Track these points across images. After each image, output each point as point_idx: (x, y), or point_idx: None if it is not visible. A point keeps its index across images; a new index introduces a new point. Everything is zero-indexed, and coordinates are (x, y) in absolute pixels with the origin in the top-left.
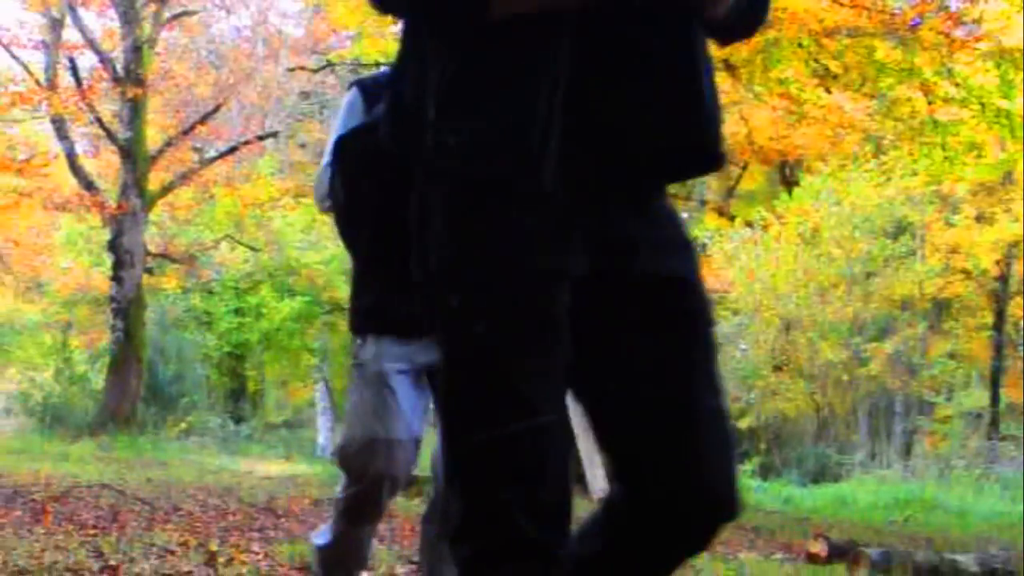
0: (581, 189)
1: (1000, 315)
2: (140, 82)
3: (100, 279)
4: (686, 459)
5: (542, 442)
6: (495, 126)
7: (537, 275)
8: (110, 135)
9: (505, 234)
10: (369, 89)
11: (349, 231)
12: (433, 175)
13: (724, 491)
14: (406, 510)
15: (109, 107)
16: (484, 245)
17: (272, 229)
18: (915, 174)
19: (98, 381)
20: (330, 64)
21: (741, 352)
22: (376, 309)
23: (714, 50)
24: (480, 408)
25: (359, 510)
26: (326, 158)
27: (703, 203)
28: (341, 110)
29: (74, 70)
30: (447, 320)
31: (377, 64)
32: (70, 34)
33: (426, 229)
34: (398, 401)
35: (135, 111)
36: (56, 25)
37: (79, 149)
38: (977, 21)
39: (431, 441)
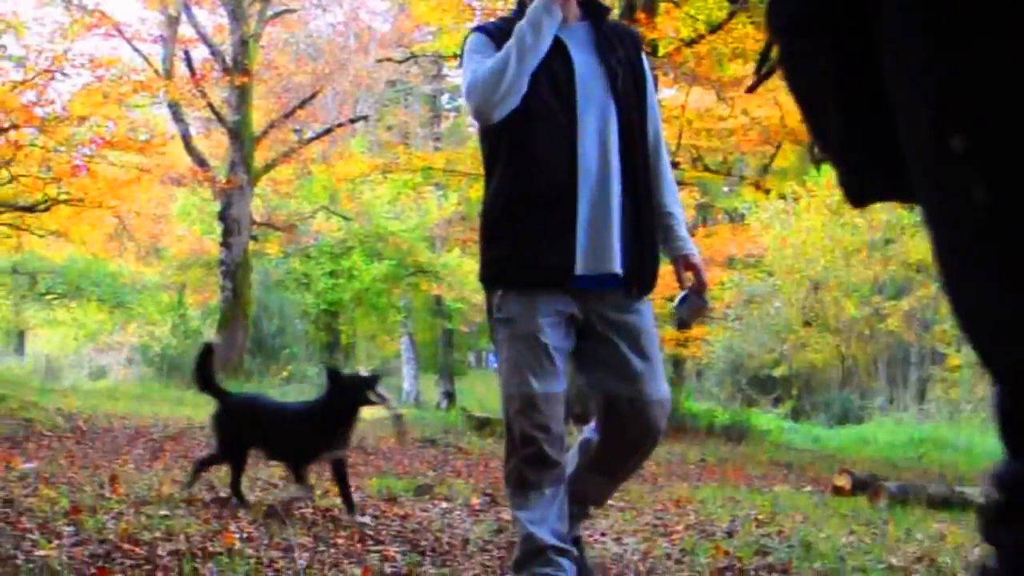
0: None
1: None
2: (246, 72)
3: (211, 245)
4: None
5: None
6: None
7: None
8: (220, 118)
9: None
10: (492, 32)
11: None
12: None
13: None
14: (480, 448)
15: (219, 94)
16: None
17: (363, 201)
18: None
19: (209, 335)
20: (413, 56)
21: (775, 309)
22: (510, 260)
23: (750, 42)
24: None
25: (532, 470)
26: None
27: (741, 178)
28: (466, 56)
29: (188, 61)
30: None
31: (455, 55)
32: (185, 29)
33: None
34: (551, 356)
35: (242, 97)
36: (173, 21)
37: (193, 131)
38: None
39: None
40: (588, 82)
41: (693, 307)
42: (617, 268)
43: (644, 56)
